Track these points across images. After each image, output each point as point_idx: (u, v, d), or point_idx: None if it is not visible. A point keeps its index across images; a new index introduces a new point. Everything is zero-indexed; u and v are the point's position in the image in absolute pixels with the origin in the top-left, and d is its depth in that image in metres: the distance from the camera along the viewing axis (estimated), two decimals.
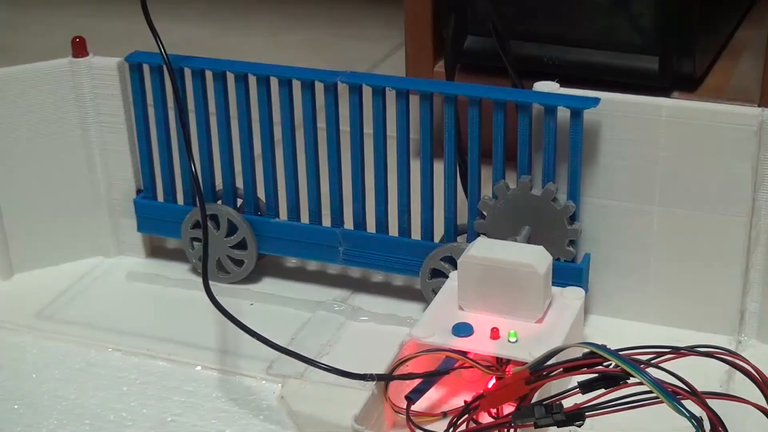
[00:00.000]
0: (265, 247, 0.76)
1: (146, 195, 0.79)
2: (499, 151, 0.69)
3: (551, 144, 0.67)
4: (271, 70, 0.72)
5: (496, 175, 0.69)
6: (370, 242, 0.73)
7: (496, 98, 0.67)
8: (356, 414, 0.57)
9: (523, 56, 0.87)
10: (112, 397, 0.66)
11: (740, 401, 0.50)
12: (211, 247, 0.76)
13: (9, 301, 0.76)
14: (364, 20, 1.36)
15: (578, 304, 0.64)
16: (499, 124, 0.68)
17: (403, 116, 0.70)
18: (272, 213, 0.76)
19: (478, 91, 0.68)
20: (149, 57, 0.74)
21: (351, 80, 0.70)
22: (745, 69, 0.90)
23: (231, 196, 0.77)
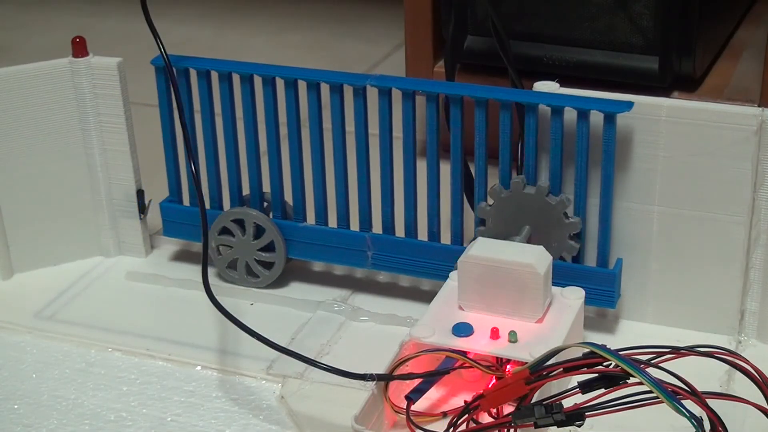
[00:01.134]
0: (293, 252, 0.75)
1: (171, 199, 0.78)
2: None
3: (584, 148, 0.66)
4: (297, 74, 0.72)
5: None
6: (399, 247, 0.73)
7: (528, 102, 0.67)
8: (356, 414, 0.57)
9: (523, 56, 0.87)
10: (112, 397, 0.66)
11: (740, 401, 0.50)
12: (239, 252, 0.75)
13: (9, 301, 0.76)
14: (364, 20, 1.36)
15: (578, 304, 0.64)
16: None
17: (433, 120, 0.69)
18: (300, 217, 0.75)
19: (509, 95, 0.67)
20: (174, 60, 0.74)
21: (381, 83, 0.70)
22: (745, 69, 0.90)
23: (258, 200, 0.76)
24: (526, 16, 0.88)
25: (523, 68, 0.83)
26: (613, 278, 0.68)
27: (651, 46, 0.84)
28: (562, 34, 0.87)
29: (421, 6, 0.91)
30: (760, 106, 0.72)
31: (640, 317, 0.71)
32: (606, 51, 0.86)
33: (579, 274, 0.68)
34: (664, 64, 0.84)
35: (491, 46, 0.81)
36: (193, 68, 0.74)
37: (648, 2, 0.83)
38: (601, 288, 0.68)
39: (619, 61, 0.86)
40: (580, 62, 0.87)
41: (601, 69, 0.86)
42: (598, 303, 0.69)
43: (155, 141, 1.00)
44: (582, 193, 0.67)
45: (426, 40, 0.92)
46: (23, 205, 0.78)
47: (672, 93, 0.86)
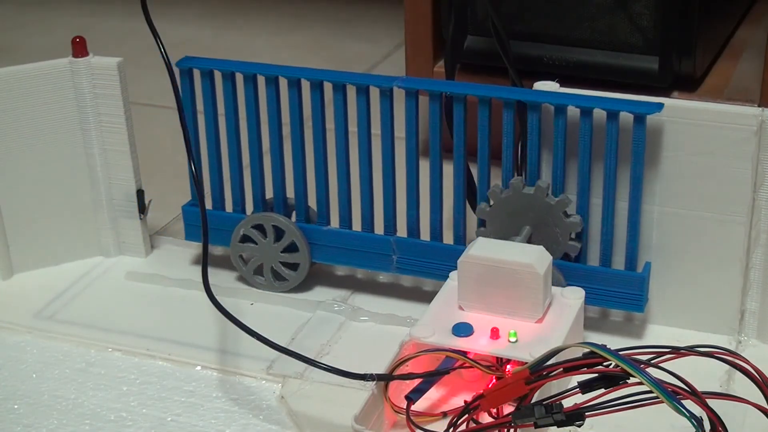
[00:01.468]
0: (317, 256, 0.75)
1: (194, 203, 0.77)
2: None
3: (613, 150, 0.66)
4: (323, 76, 0.71)
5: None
6: (424, 251, 0.72)
7: (558, 103, 0.66)
8: (356, 414, 0.57)
9: (523, 56, 0.87)
10: (112, 397, 0.66)
11: (740, 401, 0.50)
12: (262, 257, 0.75)
13: (9, 301, 0.76)
14: (364, 20, 1.36)
15: (578, 304, 0.64)
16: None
17: (460, 123, 0.69)
18: (323, 220, 0.75)
19: (540, 97, 0.67)
20: (200, 62, 0.74)
21: (408, 85, 0.69)
22: (745, 69, 0.90)
23: (281, 204, 0.75)
24: (526, 16, 0.88)
25: (523, 68, 0.83)
26: (642, 282, 0.67)
27: (651, 46, 0.84)
28: (562, 34, 0.87)
29: (421, 6, 0.91)
30: (760, 106, 0.72)
31: (641, 317, 0.71)
32: (606, 51, 0.86)
33: (606, 277, 0.67)
34: (664, 64, 0.84)
35: (491, 46, 0.81)
36: (218, 70, 0.73)
37: (648, 2, 0.83)
38: (628, 292, 0.67)
39: (619, 61, 0.86)
40: (580, 62, 0.87)
41: (601, 69, 0.86)
42: (625, 307, 0.68)
43: (155, 141, 1.01)
44: (610, 195, 0.67)
45: (426, 40, 0.92)
46: (23, 205, 0.78)
47: (672, 93, 0.86)
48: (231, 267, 0.78)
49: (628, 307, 0.68)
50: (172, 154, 0.98)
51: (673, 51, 0.84)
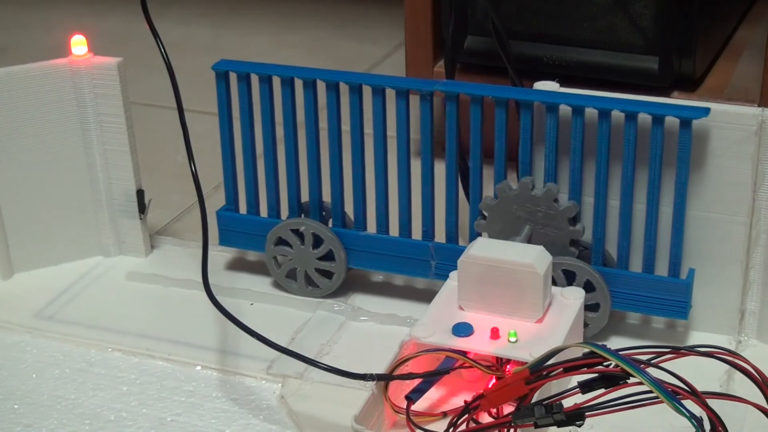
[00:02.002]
0: (353, 261, 0.74)
1: (228, 207, 0.77)
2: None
3: (658, 155, 0.65)
4: (362, 79, 0.70)
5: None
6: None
7: (602, 108, 0.65)
8: (356, 414, 0.57)
9: (523, 56, 0.87)
10: (112, 397, 0.66)
11: (740, 401, 0.50)
12: (297, 261, 0.74)
13: (9, 301, 0.76)
14: (364, 20, 1.36)
15: (578, 303, 0.64)
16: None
17: (502, 126, 0.68)
18: (360, 226, 0.74)
19: (582, 101, 0.66)
20: (236, 65, 0.73)
21: (449, 89, 0.68)
22: (745, 69, 0.90)
23: (317, 209, 0.75)
24: (526, 16, 0.88)
25: (523, 68, 0.83)
26: (686, 288, 0.66)
27: (651, 46, 0.84)
28: (562, 34, 0.87)
29: (421, 6, 0.91)
30: (760, 106, 0.72)
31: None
32: (606, 51, 0.86)
33: (649, 283, 0.67)
34: (664, 64, 0.84)
35: (491, 46, 0.81)
36: (255, 73, 0.73)
37: (648, 2, 0.83)
38: (672, 299, 0.66)
39: (619, 61, 0.86)
40: (580, 62, 0.87)
41: (601, 69, 0.86)
42: (669, 314, 0.67)
43: (155, 141, 1.01)
44: (654, 200, 0.66)
45: (426, 40, 0.92)
46: (23, 205, 0.78)
47: (672, 93, 0.86)
48: (262, 272, 0.78)
49: (672, 314, 0.67)
50: (172, 154, 0.98)
51: (673, 51, 0.84)
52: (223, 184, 0.77)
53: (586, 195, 0.68)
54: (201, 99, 1.12)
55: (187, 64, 1.19)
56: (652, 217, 0.66)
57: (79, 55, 0.76)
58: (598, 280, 0.67)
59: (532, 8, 0.87)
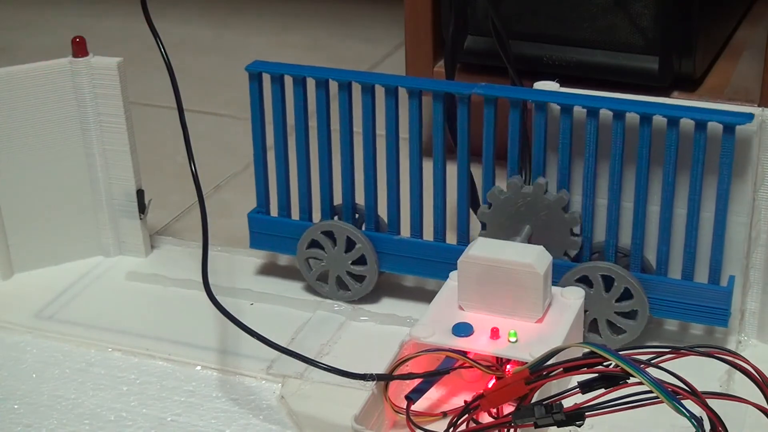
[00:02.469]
0: (386, 265, 0.73)
1: (259, 210, 0.76)
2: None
3: (700, 160, 0.64)
4: (397, 81, 0.70)
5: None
6: None
7: (643, 112, 0.64)
8: (356, 414, 0.57)
9: (523, 56, 0.87)
10: (112, 397, 0.66)
11: (740, 401, 0.50)
12: (330, 265, 0.74)
13: (9, 301, 0.76)
14: (364, 20, 1.36)
15: (578, 303, 0.64)
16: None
17: (541, 129, 0.67)
18: (394, 229, 0.74)
19: (624, 105, 0.65)
20: (270, 66, 0.72)
21: (487, 92, 0.68)
22: (745, 69, 0.90)
23: (350, 212, 0.74)
24: (526, 16, 0.88)
25: (523, 68, 0.83)
26: (727, 296, 0.66)
27: (651, 46, 0.84)
28: (562, 34, 0.87)
29: (421, 6, 0.91)
30: (760, 106, 0.72)
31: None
32: (606, 51, 0.86)
33: (689, 290, 0.66)
34: (664, 64, 0.84)
35: (491, 46, 0.81)
36: (289, 75, 0.72)
37: (648, 2, 0.83)
38: (712, 306, 0.66)
39: (619, 61, 0.86)
40: (580, 62, 0.87)
41: (601, 69, 0.86)
42: (709, 321, 0.67)
43: (155, 141, 1.01)
44: (695, 207, 0.65)
45: (426, 40, 0.92)
46: (23, 205, 0.78)
47: (672, 93, 0.86)
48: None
49: (712, 321, 0.66)
50: (172, 154, 0.98)
51: (673, 51, 0.84)
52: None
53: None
54: (201, 99, 1.12)
55: (187, 64, 1.19)
56: (693, 224, 0.66)
57: (79, 55, 0.76)
58: (636, 286, 0.66)
59: (532, 8, 0.87)
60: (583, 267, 0.67)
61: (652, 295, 0.67)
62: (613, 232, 0.68)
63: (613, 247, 0.68)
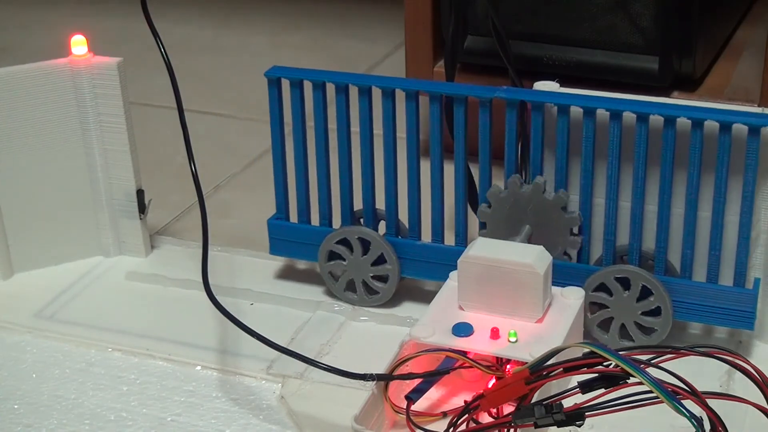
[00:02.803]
0: (407, 271, 0.73)
1: (279, 216, 0.75)
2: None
3: (725, 163, 0.63)
4: (418, 86, 0.69)
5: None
6: None
7: (668, 115, 0.64)
8: (356, 414, 0.57)
9: (523, 56, 0.87)
10: (112, 397, 0.66)
11: (740, 401, 0.50)
12: (352, 272, 0.73)
13: (9, 301, 0.76)
14: (364, 20, 1.36)
15: (578, 303, 0.64)
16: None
17: (564, 132, 0.67)
18: (415, 235, 0.73)
19: (647, 108, 0.64)
20: (289, 72, 0.72)
21: (509, 96, 0.67)
22: (745, 69, 0.90)
23: (371, 217, 0.73)
24: (526, 16, 0.88)
25: (523, 68, 0.83)
26: (753, 298, 0.65)
27: (651, 46, 0.84)
28: (562, 34, 0.87)
29: (421, 6, 0.91)
30: (760, 106, 0.72)
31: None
32: (606, 51, 0.86)
33: (714, 293, 0.66)
34: (664, 64, 0.84)
35: (491, 46, 0.81)
36: (308, 80, 0.71)
37: (648, 2, 0.83)
38: (738, 309, 0.65)
39: (619, 61, 0.86)
40: (580, 62, 0.87)
41: (601, 69, 0.86)
42: (734, 324, 0.66)
43: (155, 141, 1.01)
44: (720, 209, 0.65)
45: (426, 40, 0.92)
46: (23, 205, 0.78)
47: (672, 93, 0.86)
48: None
49: (737, 324, 0.66)
50: (172, 154, 0.98)
51: (673, 51, 0.84)
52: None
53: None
54: (201, 99, 1.12)
55: (187, 64, 1.19)
56: (718, 226, 0.65)
57: (79, 55, 0.76)
58: (654, 282, 0.66)
59: (532, 8, 0.87)
60: (604, 272, 0.67)
61: (677, 298, 0.66)
62: (637, 236, 0.67)
63: (637, 250, 0.67)
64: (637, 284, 0.66)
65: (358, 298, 0.74)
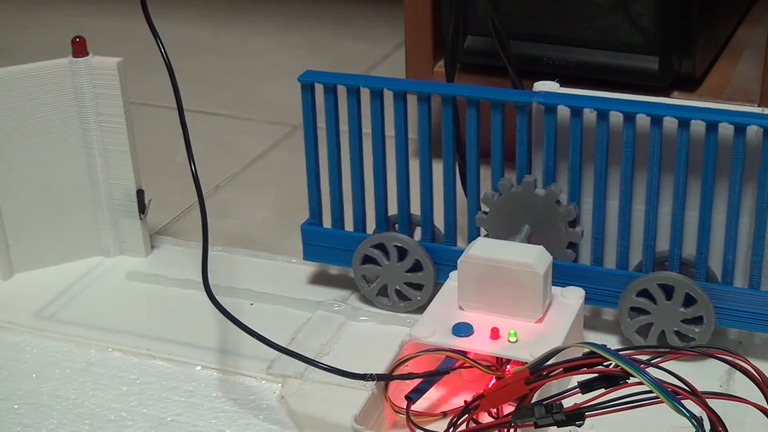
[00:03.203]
0: (444, 276, 0.69)
1: (312, 221, 0.75)
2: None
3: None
4: (453, 90, 0.68)
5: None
6: (558, 271, 0.67)
7: (709, 120, 0.63)
8: (356, 414, 0.57)
9: (523, 56, 0.87)
10: (112, 397, 0.66)
11: (740, 401, 0.50)
12: (386, 277, 0.73)
13: (9, 301, 0.76)
14: (364, 20, 1.36)
15: (578, 303, 0.64)
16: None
17: (603, 137, 0.66)
18: (451, 240, 0.72)
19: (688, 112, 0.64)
20: (323, 76, 0.71)
21: (547, 100, 0.67)
22: (745, 69, 0.90)
23: (406, 222, 0.73)
24: (526, 16, 0.88)
25: (523, 68, 0.83)
26: None
27: (651, 46, 0.84)
28: (562, 34, 0.87)
29: (421, 6, 0.91)
30: (760, 106, 0.72)
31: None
32: (606, 51, 0.86)
33: (756, 299, 0.65)
34: (664, 64, 0.84)
35: (491, 46, 0.81)
36: (342, 85, 0.70)
37: (648, 2, 0.83)
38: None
39: (619, 61, 0.86)
40: (580, 62, 0.87)
41: (601, 69, 0.86)
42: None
43: (155, 141, 1.01)
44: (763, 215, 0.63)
45: (426, 40, 0.92)
46: (23, 205, 0.78)
47: (672, 93, 0.86)
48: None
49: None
50: (172, 154, 0.98)
51: (673, 51, 0.84)
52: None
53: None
54: (201, 99, 1.12)
55: (187, 64, 1.19)
56: (761, 232, 0.64)
57: (79, 55, 0.76)
58: (699, 292, 0.65)
59: (532, 8, 0.87)
60: (645, 279, 0.66)
61: (718, 304, 0.65)
62: (678, 242, 0.66)
63: (677, 256, 0.67)
64: (681, 292, 0.65)
65: (391, 304, 0.73)
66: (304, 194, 0.75)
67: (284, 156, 0.99)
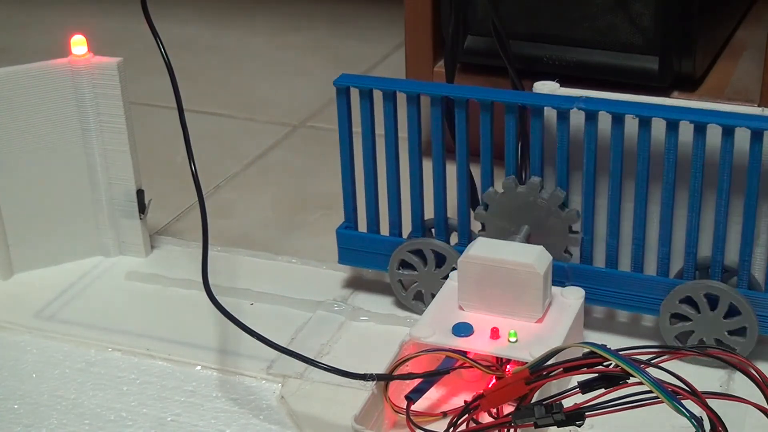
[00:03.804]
0: None
1: (348, 225, 0.74)
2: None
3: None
4: (492, 95, 0.67)
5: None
6: (599, 278, 0.68)
7: (752, 127, 0.62)
8: (356, 414, 0.57)
9: (523, 56, 0.87)
10: (112, 397, 0.66)
11: (740, 401, 0.50)
12: (423, 283, 0.72)
13: (9, 301, 0.76)
14: (364, 20, 1.36)
15: (578, 303, 0.64)
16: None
17: (645, 143, 0.65)
18: None
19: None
20: (358, 80, 0.70)
21: (589, 106, 0.65)
22: (745, 69, 0.90)
23: (443, 228, 0.72)
24: (526, 16, 0.88)
25: (523, 68, 0.83)
26: None
27: (651, 46, 0.84)
28: (563, 34, 0.87)
29: (421, 6, 0.91)
30: (760, 106, 0.72)
31: None
32: (606, 51, 0.86)
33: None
34: (664, 64, 0.84)
35: (491, 46, 0.81)
36: (378, 89, 0.70)
37: (648, 2, 0.83)
38: None
39: (619, 61, 0.86)
40: (580, 62, 0.87)
41: (601, 69, 0.86)
42: None
43: (155, 141, 1.01)
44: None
45: (426, 40, 0.92)
46: (23, 205, 0.78)
47: (672, 93, 0.86)
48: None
49: None
50: (172, 154, 0.98)
51: (673, 51, 0.84)
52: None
53: None
54: (201, 99, 1.12)
55: (187, 64, 1.19)
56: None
57: (79, 55, 0.76)
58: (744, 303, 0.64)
59: (532, 8, 0.87)
60: (686, 286, 0.66)
61: (760, 312, 0.65)
62: (720, 249, 0.65)
63: (720, 264, 0.66)
64: (726, 303, 0.65)
65: None
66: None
67: (284, 156, 0.99)
